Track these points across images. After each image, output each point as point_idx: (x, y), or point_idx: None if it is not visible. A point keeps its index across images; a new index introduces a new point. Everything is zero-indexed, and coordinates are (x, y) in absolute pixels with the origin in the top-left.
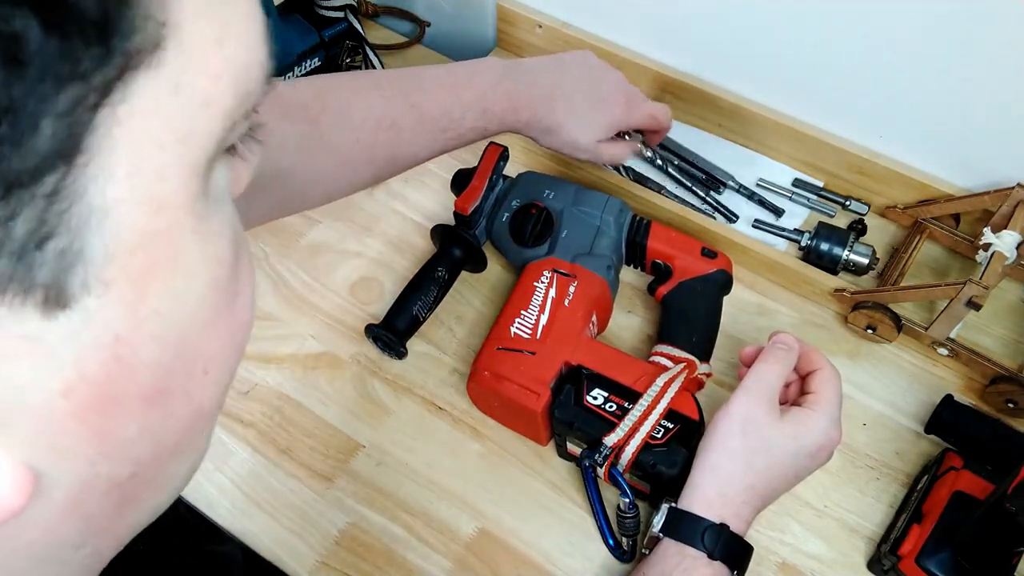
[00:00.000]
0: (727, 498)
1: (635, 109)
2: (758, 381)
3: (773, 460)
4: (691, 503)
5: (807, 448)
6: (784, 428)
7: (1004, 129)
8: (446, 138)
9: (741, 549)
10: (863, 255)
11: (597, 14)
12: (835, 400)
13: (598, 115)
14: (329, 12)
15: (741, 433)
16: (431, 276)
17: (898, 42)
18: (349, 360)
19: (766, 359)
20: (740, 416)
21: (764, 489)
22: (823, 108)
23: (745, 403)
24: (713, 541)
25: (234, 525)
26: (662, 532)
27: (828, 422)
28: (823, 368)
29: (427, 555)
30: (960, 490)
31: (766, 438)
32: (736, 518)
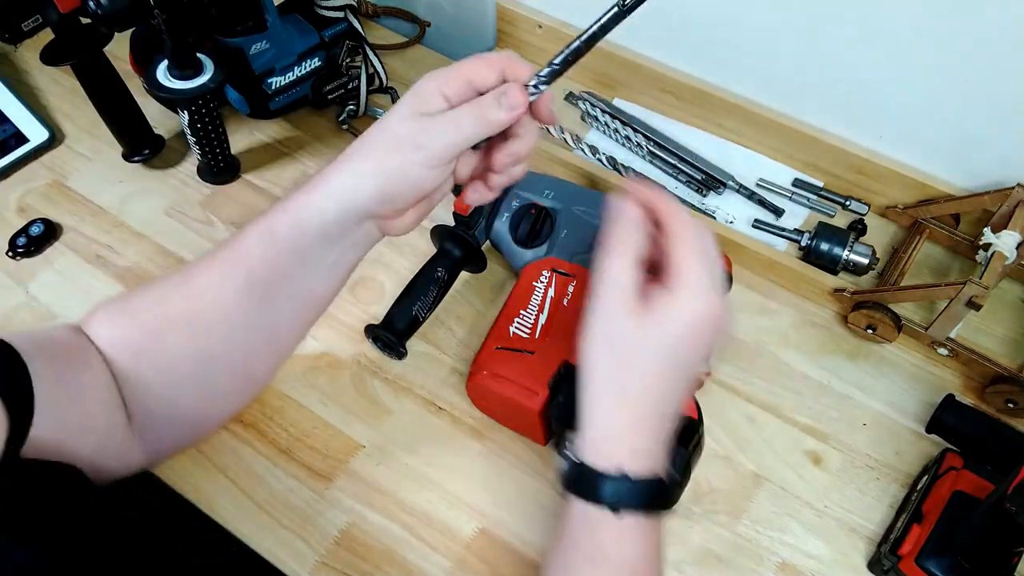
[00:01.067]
0: (614, 436)
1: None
2: (608, 285)
3: (648, 372)
4: (582, 452)
5: (682, 339)
6: (648, 329)
7: (1004, 129)
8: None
9: (650, 488)
10: (863, 255)
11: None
12: (699, 265)
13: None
14: (329, 12)
15: (605, 355)
16: (431, 276)
17: (898, 42)
18: (349, 360)
19: (609, 252)
20: (600, 336)
21: (652, 408)
22: (823, 108)
23: (600, 319)
24: (613, 493)
25: (234, 525)
26: (564, 486)
27: (695, 298)
28: (676, 230)
29: (427, 555)
30: (960, 490)
31: (632, 350)
32: (633, 455)
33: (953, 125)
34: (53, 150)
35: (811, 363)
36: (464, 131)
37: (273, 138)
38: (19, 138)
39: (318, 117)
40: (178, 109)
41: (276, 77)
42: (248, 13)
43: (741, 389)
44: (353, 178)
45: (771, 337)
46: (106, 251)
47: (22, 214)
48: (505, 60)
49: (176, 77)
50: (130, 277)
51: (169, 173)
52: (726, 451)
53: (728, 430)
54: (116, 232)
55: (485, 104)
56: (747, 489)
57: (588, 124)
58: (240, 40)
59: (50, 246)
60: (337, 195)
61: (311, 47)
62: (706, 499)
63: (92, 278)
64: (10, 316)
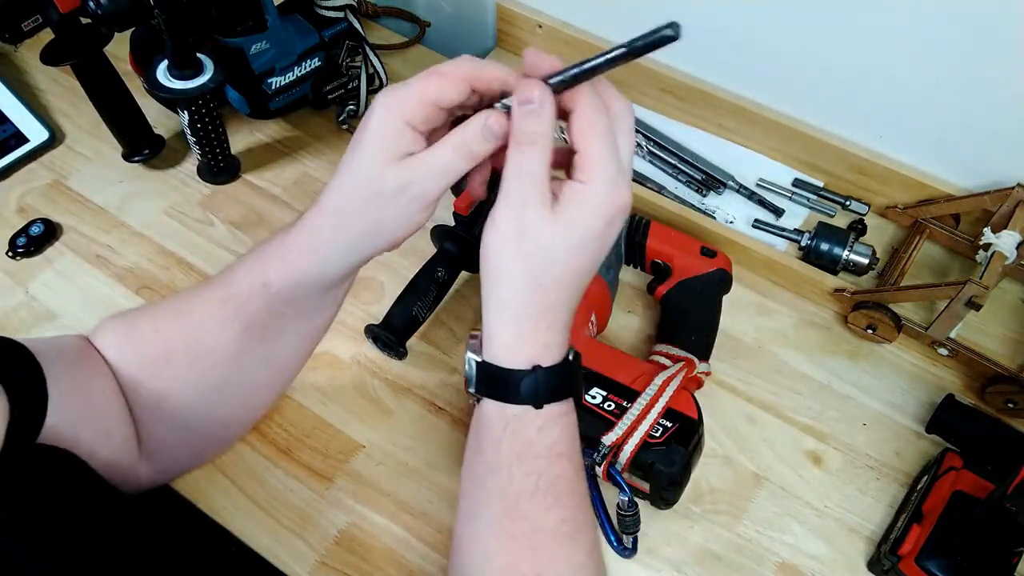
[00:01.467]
0: (528, 334)
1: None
2: (518, 178)
3: (564, 270)
4: (494, 354)
5: (596, 232)
6: (560, 224)
7: (1004, 129)
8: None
9: (564, 374)
10: (863, 255)
11: (597, 14)
12: (609, 153)
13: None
14: (329, 12)
15: (517, 253)
16: (431, 276)
17: (898, 42)
18: (349, 360)
19: (517, 141)
20: (510, 232)
21: (564, 303)
22: (823, 108)
23: (511, 213)
24: (531, 389)
25: (234, 525)
26: (477, 392)
27: (608, 189)
28: (587, 114)
29: (427, 555)
30: (960, 490)
31: (545, 246)
32: (546, 349)
33: (953, 126)
34: (53, 150)
35: (811, 363)
36: (454, 169)
37: (273, 138)
38: (19, 138)
39: (318, 117)
40: (178, 109)
41: (276, 77)
42: (248, 13)
43: (741, 389)
44: (347, 242)
45: (771, 337)
46: (106, 251)
47: (22, 214)
48: (467, 69)
49: (176, 77)
50: (130, 277)
51: (169, 173)
52: (726, 451)
53: (728, 430)
54: (116, 232)
55: (470, 137)
56: (747, 489)
57: None
58: (240, 40)
59: (50, 246)
60: (333, 261)
61: (311, 47)
62: (706, 499)
63: (92, 278)
64: (10, 316)
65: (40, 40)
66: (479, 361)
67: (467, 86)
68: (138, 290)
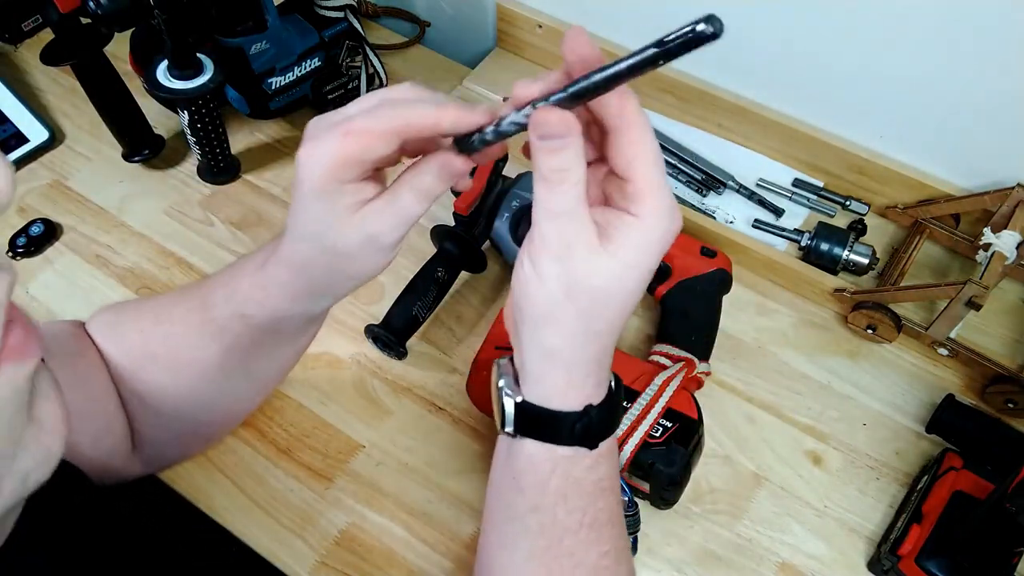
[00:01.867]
0: (580, 379)
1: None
2: (553, 220)
3: (616, 309)
4: (542, 396)
5: (649, 269)
6: (614, 266)
7: (1004, 129)
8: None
9: (614, 407)
10: (863, 255)
11: (597, 14)
12: (658, 175)
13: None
14: (329, 12)
15: (567, 302)
16: (431, 276)
17: (898, 42)
18: (349, 360)
19: (545, 179)
20: (555, 280)
21: (615, 338)
22: (823, 108)
23: (553, 260)
24: (584, 429)
25: (234, 525)
26: (519, 433)
27: (661, 222)
28: (635, 137)
29: (427, 555)
30: (960, 490)
31: (599, 292)
32: (598, 387)
33: (953, 125)
34: (53, 150)
35: (811, 363)
36: (416, 215)
37: (273, 138)
38: (19, 138)
39: None
40: (178, 109)
41: (276, 77)
42: (248, 13)
43: (741, 389)
44: (318, 292)
45: (771, 337)
46: (106, 251)
47: (22, 214)
48: (388, 122)
49: (176, 77)
50: (130, 277)
51: (169, 173)
52: (726, 451)
53: (728, 430)
54: (116, 232)
55: (428, 183)
56: (747, 489)
57: None
58: (240, 40)
59: (50, 246)
60: (309, 305)
61: (311, 47)
62: (706, 499)
63: (92, 278)
64: None
65: (40, 40)
66: (520, 402)
67: (395, 139)
68: (138, 290)
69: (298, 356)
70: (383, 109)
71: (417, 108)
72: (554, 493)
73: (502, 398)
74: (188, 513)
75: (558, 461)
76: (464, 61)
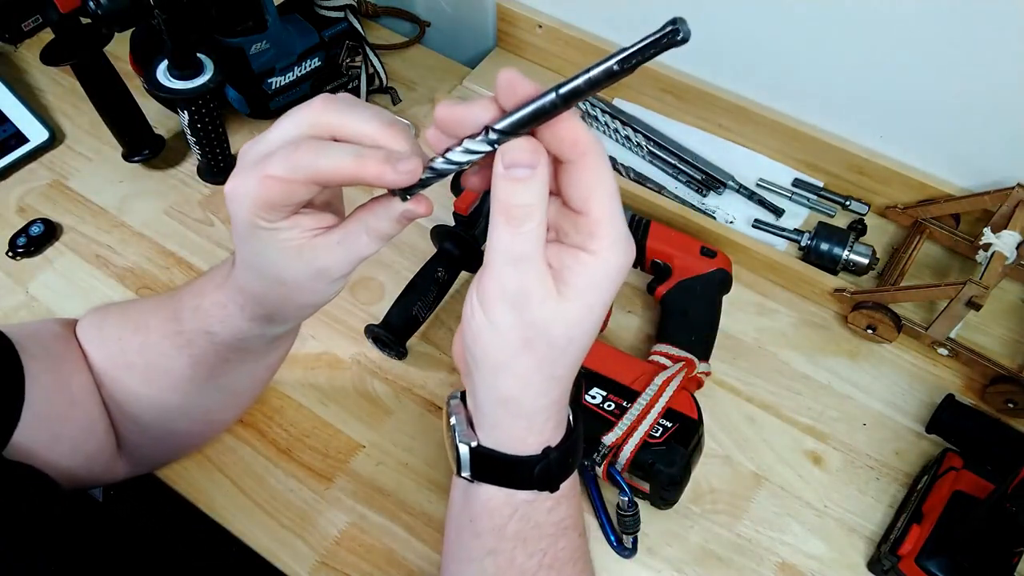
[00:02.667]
0: (541, 424)
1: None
2: (512, 265)
3: (576, 353)
4: (498, 442)
5: (607, 303)
6: (571, 310)
7: (1004, 129)
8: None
9: (574, 445)
10: (863, 255)
11: (597, 14)
12: (614, 206)
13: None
14: (329, 12)
15: (524, 349)
16: (431, 276)
17: (898, 42)
18: (349, 360)
19: (506, 216)
20: (510, 329)
21: (574, 375)
22: (823, 108)
23: (507, 308)
24: (544, 473)
25: (234, 525)
26: (476, 479)
27: (617, 256)
28: (580, 154)
29: (427, 555)
30: (960, 490)
31: (558, 339)
32: (556, 428)
33: (953, 125)
34: (53, 150)
35: (811, 363)
36: (368, 253)
37: None
38: (19, 138)
39: None
40: (178, 109)
41: (276, 77)
42: (248, 13)
43: (741, 389)
44: (275, 317)
45: (771, 337)
46: (106, 251)
47: (22, 214)
48: (304, 169)
49: (176, 77)
50: (130, 277)
51: (169, 173)
52: (726, 451)
53: (728, 430)
54: (116, 232)
55: (384, 226)
56: (747, 489)
57: (588, 124)
58: (240, 40)
59: (50, 246)
60: (269, 328)
61: (311, 47)
62: (706, 499)
63: (92, 278)
64: (10, 316)
65: (40, 40)
66: (474, 447)
67: (315, 187)
68: (138, 290)
69: (271, 371)
70: (303, 154)
71: (335, 158)
72: (513, 537)
73: (456, 441)
74: (188, 513)
75: (517, 505)
76: (464, 61)
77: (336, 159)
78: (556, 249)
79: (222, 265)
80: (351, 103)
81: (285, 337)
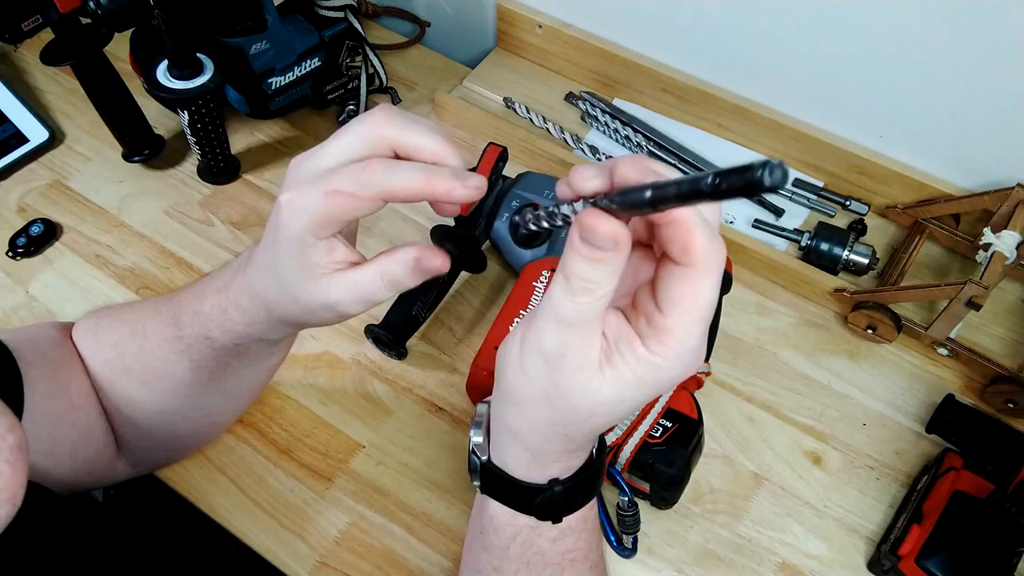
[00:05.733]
0: (544, 462)
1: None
2: (561, 325)
3: (594, 425)
4: (505, 462)
5: (643, 401)
6: (606, 391)
7: (1004, 129)
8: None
9: (589, 480)
10: (863, 255)
11: (597, 14)
12: (698, 326)
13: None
14: (329, 12)
15: (543, 402)
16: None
17: (898, 42)
18: (349, 360)
19: (569, 282)
20: (538, 380)
21: (590, 440)
22: (823, 108)
23: (540, 360)
24: (547, 505)
25: (234, 525)
26: (484, 492)
27: (679, 364)
28: (685, 262)
29: (427, 555)
30: (960, 490)
31: (582, 410)
32: (567, 468)
33: (953, 125)
34: (53, 150)
35: (811, 363)
36: (380, 298)
37: (273, 138)
38: (19, 138)
39: (318, 117)
40: (178, 109)
41: (276, 77)
42: (248, 13)
43: (741, 389)
44: (278, 325)
45: (771, 337)
46: (106, 251)
47: (22, 214)
48: (377, 186)
49: (176, 77)
50: (130, 277)
51: (169, 173)
52: (726, 451)
53: (728, 430)
54: (116, 232)
55: (400, 274)
56: (747, 489)
57: (588, 124)
58: (240, 40)
59: (50, 246)
60: (269, 334)
61: (311, 47)
62: (706, 499)
63: (92, 278)
64: (10, 316)
65: (40, 40)
66: (484, 462)
67: (381, 203)
68: (138, 290)
69: (271, 373)
70: (373, 171)
71: (406, 176)
72: (516, 559)
73: (469, 451)
74: (188, 513)
75: (520, 528)
76: (464, 61)
77: (407, 177)
78: (621, 322)
79: (223, 269)
80: (411, 118)
81: (284, 343)
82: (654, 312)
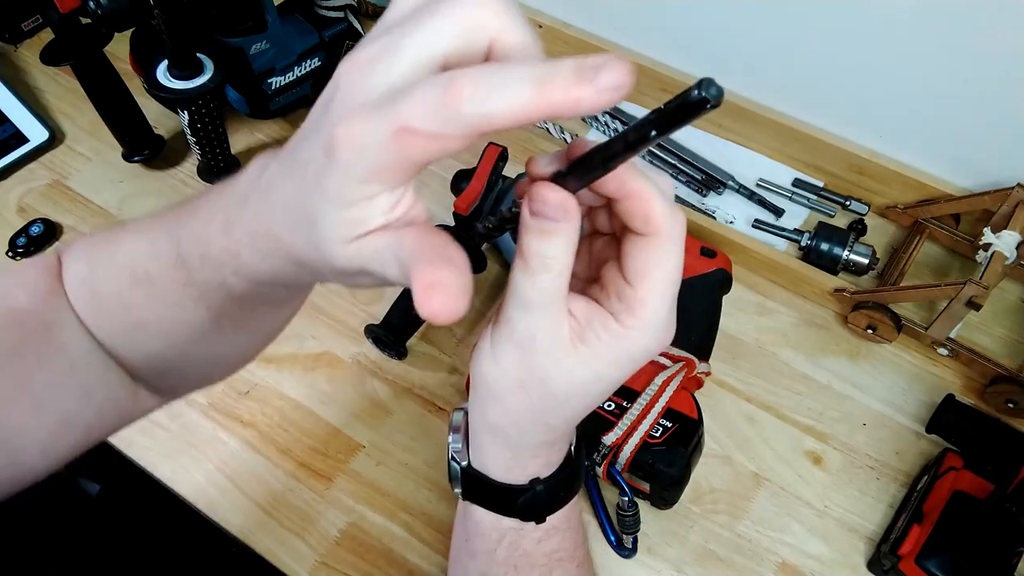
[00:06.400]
0: (528, 459)
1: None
2: (524, 310)
3: (576, 410)
4: (485, 465)
5: (622, 379)
6: (581, 371)
7: (1004, 129)
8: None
9: (568, 478)
10: (863, 255)
11: (597, 14)
12: (668, 292)
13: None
14: (329, 12)
15: (519, 391)
16: None
17: (898, 42)
18: (349, 360)
19: (526, 263)
20: (511, 369)
21: (570, 426)
22: (823, 108)
23: (512, 348)
24: (530, 505)
25: (234, 525)
26: (467, 499)
27: (648, 337)
28: (649, 231)
29: (427, 555)
30: (960, 490)
31: (559, 393)
32: (546, 464)
33: (953, 125)
34: (53, 150)
35: (811, 363)
36: (389, 279)
37: (273, 138)
38: (19, 138)
39: None
40: (178, 109)
41: (276, 77)
42: (248, 13)
43: (741, 389)
44: (294, 275)
45: (771, 337)
46: None
47: (22, 214)
48: (491, 116)
49: (176, 77)
50: None
51: (169, 173)
52: (726, 451)
53: (728, 430)
54: None
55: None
56: (747, 489)
57: (588, 124)
58: (240, 40)
59: (50, 246)
60: (284, 280)
61: (311, 47)
62: (706, 499)
63: None
64: None
65: (40, 40)
66: (464, 467)
67: (471, 139)
68: None
69: (296, 310)
70: (461, 100)
71: (512, 92)
72: (503, 563)
73: (449, 457)
74: (187, 513)
75: (505, 531)
76: None
77: (513, 93)
78: (591, 304)
79: (218, 199)
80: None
81: (307, 287)
82: (624, 287)
